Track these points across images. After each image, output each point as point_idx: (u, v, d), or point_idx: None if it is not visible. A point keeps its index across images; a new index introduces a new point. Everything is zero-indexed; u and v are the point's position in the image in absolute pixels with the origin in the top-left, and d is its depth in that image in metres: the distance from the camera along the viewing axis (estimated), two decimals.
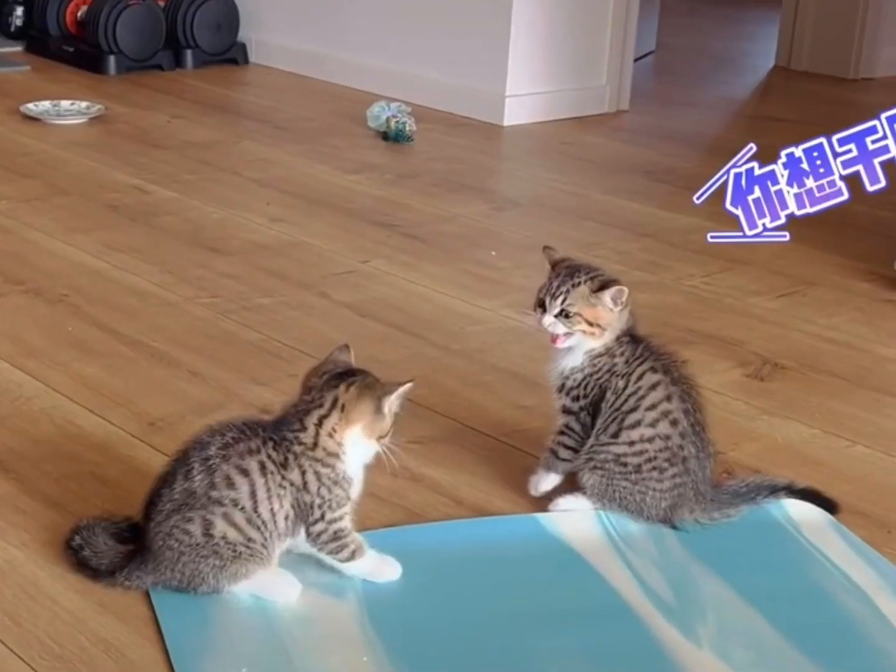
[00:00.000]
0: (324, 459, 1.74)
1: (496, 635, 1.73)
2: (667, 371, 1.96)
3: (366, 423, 1.74)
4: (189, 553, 1.72)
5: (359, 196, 3.61)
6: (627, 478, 1.95)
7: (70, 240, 3.12)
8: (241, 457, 1.72)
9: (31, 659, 1.63)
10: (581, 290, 1.94)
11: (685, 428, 1.94)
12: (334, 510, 1.75)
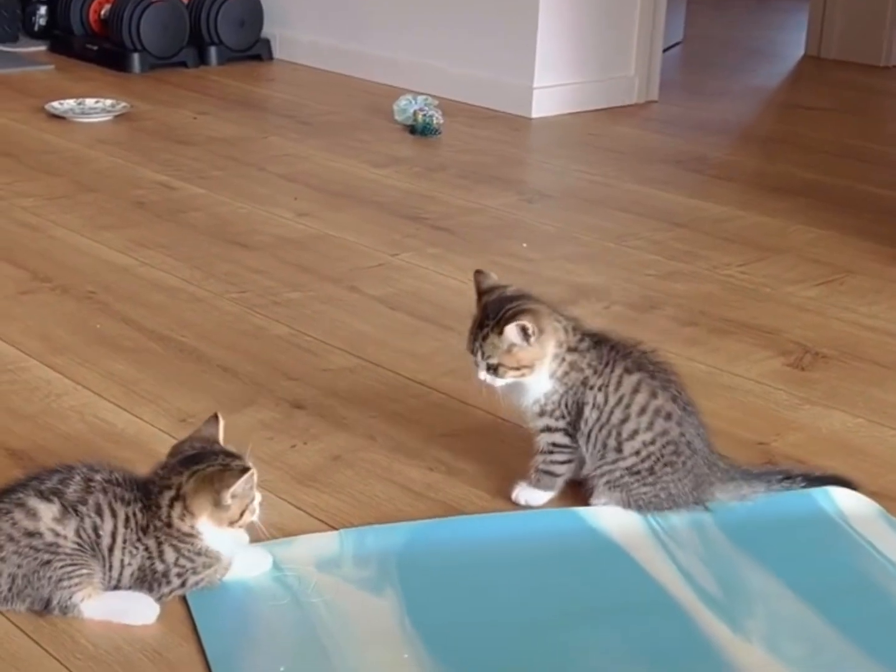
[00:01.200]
0: (180, 538, 1.70)
1: (538, 632, 1.69)
2: (640, 367, 1.91)
3: (207, 514, 1.69)
4: (21, 542, 1.65)
5: (387, 189, 3.58)
6: (645, 482, 1.91)
7: (97, 237, 3.10)
8: (116, 499, 1.69)
9: (65, 659, 1.60)
10: (490, 340, 1.88)
11: (678, 415, 1.90)
12: (199, 573, 1.71)
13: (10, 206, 3.30)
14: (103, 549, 1.67)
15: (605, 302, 2.79)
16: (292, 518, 1.92)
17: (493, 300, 1.91)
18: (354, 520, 1.92)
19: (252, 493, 1.72)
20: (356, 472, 2.06)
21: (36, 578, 1.64)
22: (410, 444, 2.13)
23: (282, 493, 1.98)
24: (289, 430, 2.19)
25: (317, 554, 1.82)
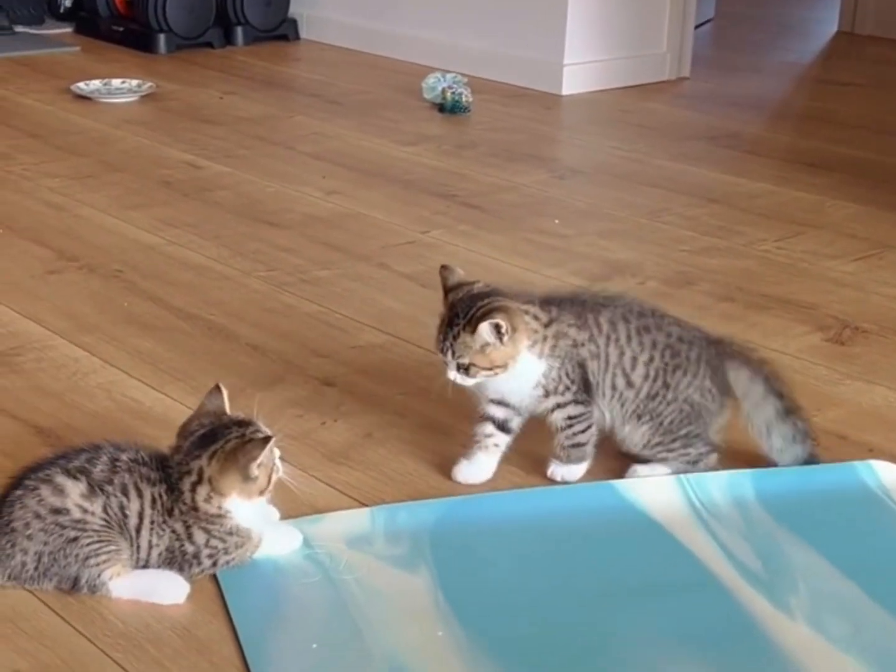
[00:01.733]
0: (209, 520, 1.66)
1: (575, 610, 1.65)
2: (602, 304, 1.90)
3: (237, 491, 1.66)
4: (46, 519, 1.62)
5: (416, 167, 3.54)
6: (666, 400, 1.89)
7: (123, 216, 3.07)
8: (141, 479, 1.66)
9: (93, 636, 1.57)
10: (462, 340, 1.84)
11: (653, 322, 1.90)
12: (230, 552, 1.68)
13: (37, 187, 3.27)
14: (130, 528, 1.64)
15: (640, 278, 2.75)
16: (323, 495, 1.89)
17: (461, 298, 1.87)
18: (386, 497, 1.89)
19: (274, 455, 1.69)
20: (387, 449, 2.03)
21: (62, 556, 1.61)
22: (442, 420, 2.10)
23: (312, 470, 1.95)
24: (318, 407, 2.16)
25: (348, 531, 1.79)
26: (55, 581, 1.62)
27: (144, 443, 1.72)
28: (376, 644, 1.56)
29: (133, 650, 1.54)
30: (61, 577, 1.62)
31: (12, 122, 3.86)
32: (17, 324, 2.45)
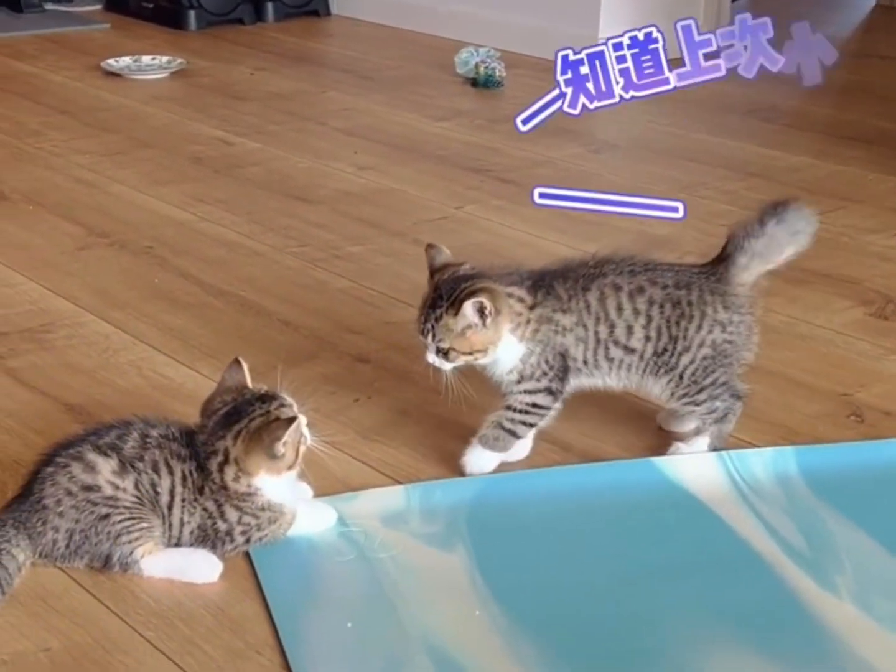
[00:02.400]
0: (239, 498, 1.63)
1: (615, 588, 1.62)
2: (590, 278, 1.83)
3: (264, 469, 1.62)
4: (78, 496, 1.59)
5: (449, 142, 3.50)
6: (675, 351, 1.82)
7: (154, 192, 3.05)
8: (172, 455, 1.63)
9: (125, 614, 1.55)
10: (444, 323, 1.79)
11: (645, 279, 1.83)
12: (263, 529, 1.65)
13: (67, 163, 3.25)
14: (162, 506, 1.61)
15: (678, 252, 2.70)
16: (357, 473, 1.86)
17: (446, 279, 1.82)
18: (421, 475, 1.86)
19: (300, 429, 1.65)
20: (422, 426, 2.00)
21: (94, 533, 1.58)
22: (477, 397, 2.05)
23: (345, 447, 1.92)
24: (352, 383, 2.13)
25: (383, 509, 1.76)
26: (86, 559, 1.60)
27: (174, 419, 1.70)
28: (412, 623, 1.53)
29: (165, 628, 1.52)
30: (93, 554, 1.59)
31: (42, 100, 3.84)
32: (47, 300, 2.43)
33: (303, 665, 1.46)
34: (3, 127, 3.55)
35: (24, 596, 1.57)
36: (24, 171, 3.19)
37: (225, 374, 1.70)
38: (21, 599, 1.56)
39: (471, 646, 1.50)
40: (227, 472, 1.62)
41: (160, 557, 1.60)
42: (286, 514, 1.66)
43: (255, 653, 1.49)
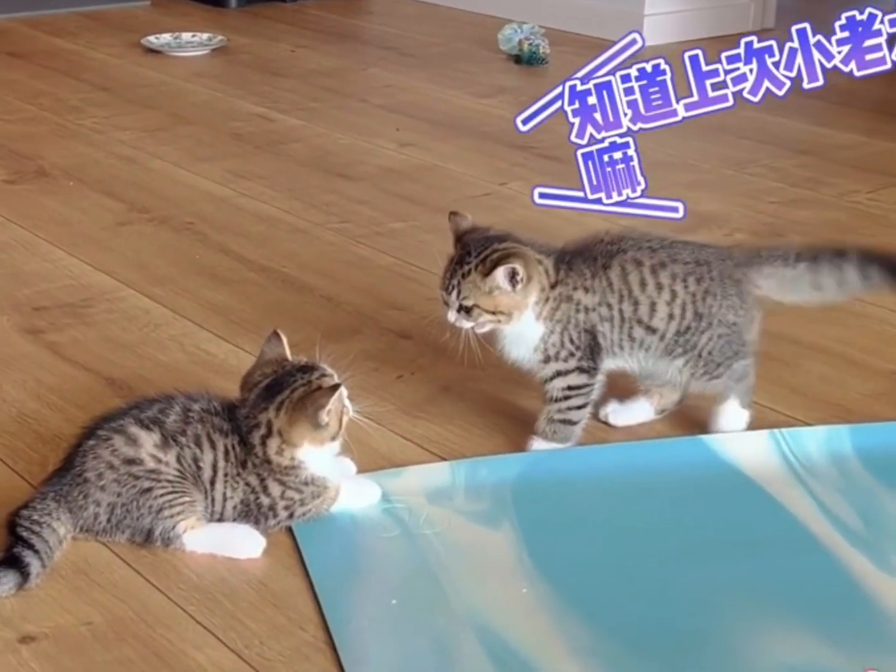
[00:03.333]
0: (282, 472, 1.60)
1: (664, 568, 1.58)
2: (610, 255, 1.79)
3: (308, 440, 1.59)
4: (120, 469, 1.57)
5: (492, 119, 3.45)
6: (698, 329, 1.78)
7: (194, 168, 3.02)
8: (214, 429, 1.60)
9: (167, 589, 1.52)
10: (471, 279, 1.74)
11: (666, 254, 1.79)
12: (307, 504, 1.62)
13: (108, 140, 3.23)
14: (205, 480, 1.59)
15: (727, 229, 2.67)
16: (401, 450, 1.84)
17: (474, 237, 1.78)
18: (465, 451, 1.83)
19: (343, 399, 1.62)
20: (466, 402, 1.97)
21: (136, 507, 1.56)
22: (521, 374, 2.02)
23: (389, 424, 1.90)
24: (395, 360, 2.10)
25: (427, 485, 1.74)
26: (128, 533, 1.58)
27: (215, 393, 1.67)
28: (458, 601, 1.50)
29: (207, 603, 1.50)
30: (134, 528, 1.57)
31: (83, 76, 3.83)
32: (88, 276, 2.41)
33: (347, 642, 1.43)
34: (43, 103, 3.54)
35: (65, 570, 1.55)
36: (64, 147, 3.18)
37: (264, 346, 1.67)
38: (63, 573, 1.54)
39: (518, 624, 1.47)
40: (270, 445, 1.59)
41: (203, 532, 1.58)
42: (329, 489, 1.63)
43: (298, 628, 1.46)
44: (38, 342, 2.14)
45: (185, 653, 1.42)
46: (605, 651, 1.43)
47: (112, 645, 1.43)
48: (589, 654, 1.42)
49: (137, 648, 1.43)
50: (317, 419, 1.58)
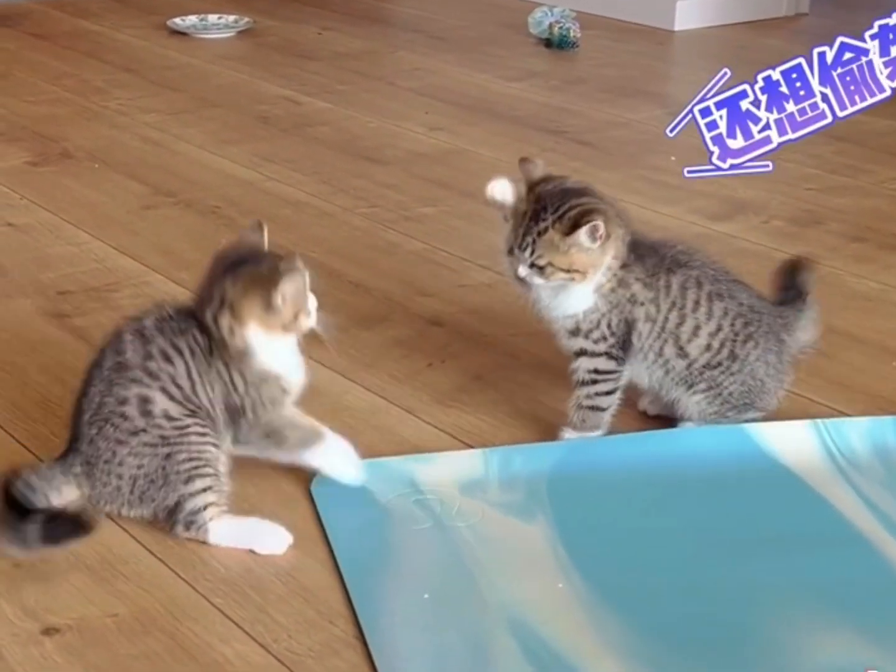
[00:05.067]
0: (237, 357, 1.53)
1: (704, 562, 1.53)
2: (679, 264, 1.73)
3: (256, 319, 1.52)
4: (130, 443, 1.52)
5: (523, 103, 3.41)
6: (730, 371, 1.73)
7: (220, 151, 2.98)
8: (174, 334, 1.53)
9: (193, 580, 1.48)
10: (548, 237, 1.66)
11: (726, 288, 1.73)
12: (269, 409, 1.56)
13: (133, 122, 3.20)
14: (198, 398, 1.53)
15: (764, 216, 2.62)
16: (432, 439, 1.80)
17: (550, 190, 1.69)
18: (498, 441, 1.79)
19: (306, 294, 1.56)
20: (499, 391, 1.93)
21: (160, 477, 1.52)
22: (555, 362, 1.96)
23: (419, 412, 1.86)
24: (425, 347, 2.06)
25: (460, 476, 1.69)
26: (152, 507, 1.53)
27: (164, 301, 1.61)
28: (493, 596, 1.46)
29: (234, 596, 1.46)
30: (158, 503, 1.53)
31: (107, 58, 3.79)
32: (113, 259, 2.38)
33: (378, 636, 1.39)
34: (67, 85, 3.50)
35: (90, 560, 1.51)
36: (89, 129, 3.14)
37: (242, 232, 1.61)
38: (88, 563, 1.51)
39: (554, 620, 1.42)
40: (222, 322, 1.52)
41: (226, 524, 1.54)
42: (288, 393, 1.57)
43: (327, 622, 1.42)
44: (63, 326, 2.11)
45: (211, 646, 1.39)
46: (642, 648, 1.38)
47: (137, 637, 1.40)
48: (626, 652, 1.38)
49: (163, 641, 1.39)
50: (270, 298, 1.51)
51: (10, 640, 1.39)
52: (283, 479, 1.67)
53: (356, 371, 1.98)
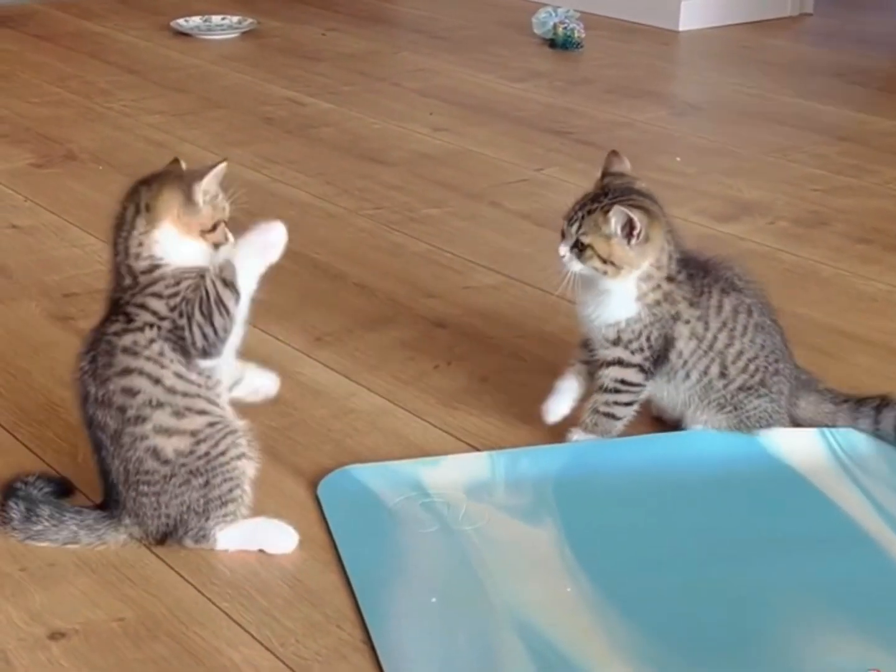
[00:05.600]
0: (146, 281, 1.47)
1: (712, 565, 1.53)
2: (734, 287, 1.73)
3: (175, 215, 1.46)
4: (168, 490, 1.49)
5: (527, 104, 3.40)
6: (759, 394, 1.74)
7: (224, 152, 2.97)
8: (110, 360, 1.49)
9: (201, 584, 1.48)
10: (595, 217, 1.66)
11: (769, 324, 1.74)
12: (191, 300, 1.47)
13: (137, 123, 3.19)
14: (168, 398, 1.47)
15: (770, 217, 2.61)
16: (438, 442, 1.79)
17: (619, 183, 1.71)
18: (505, 443, 1.78)
19: (224, 203, 1.51)
20: (505, 393, 1.92)
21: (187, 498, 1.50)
22: (561, 364, 1.96)
23: (425, 415, 1.86)
24: (430, 349, 2.05)
25: (466, 478, 1.68)
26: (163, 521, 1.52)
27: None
28: (500, 599, 1.45)
29: (241, 599, 1.46)
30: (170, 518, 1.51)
31: (111, 59, 3.79)
32: None
33: (385, 640, 1.39)
34: (71, 86, 3.50)
35: (96, 564, 1.51)
36: (92, 130, 3.14)
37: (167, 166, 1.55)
38: (93, 567, 1.50)
39: (561, 623, 1.42)
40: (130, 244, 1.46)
41: (235, 529, 1.53)
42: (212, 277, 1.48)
43: (334, 626, 1.42)
44: (68, 329, 2.10)
45: (219, 651, 1.38)
46: (650, 651, 1.38)
47: (144, 642, 1.39)
48: (635, 655, 1.37)
49: (170, 646, 1.39)
50: (190, 192, 1.46)
51: (16, 645, 1.38)
52: (289, 481, 1.67)
53: (361, 373, 1.98)
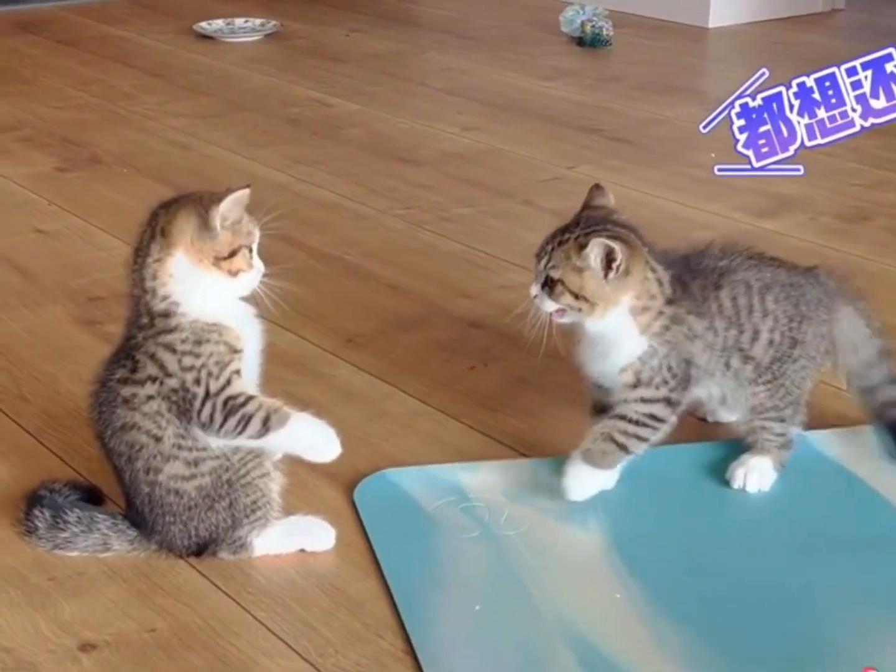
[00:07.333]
0: (162, 326, 1.38)
1: (768, 571, 1.47)
2: (721, 274, 1.60)
3: (188, 242, 1.36)
4: (195, 514, 1.45)
5: (557, 102, 3.35)
6: (791, 356, 1.61)
7: (250, 154, 2.94)
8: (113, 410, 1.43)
9: (235, 593, 1.43)
10: (566, 249, 1.52)
11: (769, 276, 1.62)
12: (217, 377, 1.38)
13: (161, 126, 3.15)
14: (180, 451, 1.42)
15: (811, 213, 2.55)
16: (477, 444, 1.74)
17: (594, 214, 1.58)
18: (545, 446, 1.73)
19: (249, 228, 1.42)
20: (544, 394, 1.87)
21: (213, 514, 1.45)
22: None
23: (462, 416, 1.81)
24: (466, 350, 2.01)
25: (507, 483, 1.63)
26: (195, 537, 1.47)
27: None
28: (546, 606, 1.40)
29: (277, 608, 1.40)
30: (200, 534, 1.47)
31: (134, 63, 3.75)
32: None
33: (429, 651, 1.33)
34: (95, 90, 3.47)
35: (127, 573, 1.46)
36: (117, 133, 3.10)
37: None
38: (124, 576, 1.45)
39: (612, 632, 1.36)
40: (146, 274, 1.38)
41: (269, 533, 1.47)
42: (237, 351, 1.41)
43: (375, 636, 1.36)
44: (95, 333, 2.06)
45: (255, 661, 1.33)
46: (704, 660, 1.32)
47: (177, 653, 1.34)
48: (686, 663, 1.32)
49: (204, 657, 1.34)
50: (208, 216, 1.35)
51: (45, 657, 1.34)
52: (325, 486, 1.62)
53: (396, 375, 1.92)
